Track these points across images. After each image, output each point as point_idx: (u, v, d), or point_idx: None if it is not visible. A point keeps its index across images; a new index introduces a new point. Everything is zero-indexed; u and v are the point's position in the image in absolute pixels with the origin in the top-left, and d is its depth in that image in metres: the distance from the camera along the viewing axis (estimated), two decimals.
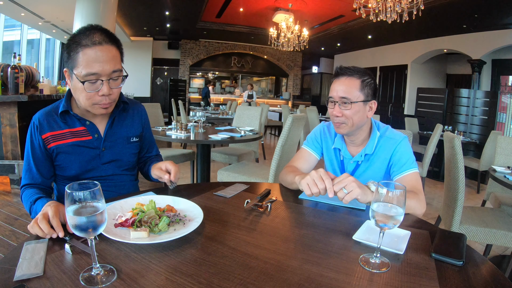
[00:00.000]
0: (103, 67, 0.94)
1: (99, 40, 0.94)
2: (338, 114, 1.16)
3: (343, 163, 1.30)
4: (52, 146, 1.04)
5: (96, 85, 0.95)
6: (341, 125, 1.18)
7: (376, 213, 0.69)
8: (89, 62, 0.92)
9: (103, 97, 0.98)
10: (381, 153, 1.22)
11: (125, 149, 1.17)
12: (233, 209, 0.99)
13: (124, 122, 1.17)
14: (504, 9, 5.30)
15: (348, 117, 1.16)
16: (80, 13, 4.50)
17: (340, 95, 1.16)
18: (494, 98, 5.58)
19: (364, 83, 1.16)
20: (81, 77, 0.94)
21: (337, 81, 1.18)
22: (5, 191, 3.03)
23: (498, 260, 2.32)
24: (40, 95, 3.35)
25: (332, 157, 1.34)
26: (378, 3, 4.02)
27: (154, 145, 1.34)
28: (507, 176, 1.96)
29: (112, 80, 0.98)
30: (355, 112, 1.15)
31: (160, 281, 0.61)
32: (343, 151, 1.28)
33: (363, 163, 1.25)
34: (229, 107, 7.47)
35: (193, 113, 2.70)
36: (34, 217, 0.96)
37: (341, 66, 1.19)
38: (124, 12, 7.51)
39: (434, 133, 3.58)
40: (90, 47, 0.92)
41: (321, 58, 12.82)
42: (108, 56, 0.95)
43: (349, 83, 1.15)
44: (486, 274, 0.70)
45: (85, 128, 1.08)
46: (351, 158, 1.27)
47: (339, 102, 1.16)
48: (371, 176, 1.24)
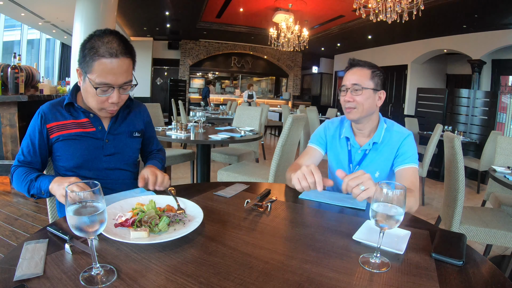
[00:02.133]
0: (117, 79, 1.00)
1: (116, 52, 0.98)
2: (350, 99, 1.24)
3: (350, 153, 1.33)
4: (56, 136, 1.08)
5: (107, 92, 1.01)
6: (352, 110, 1.25)
7: (376, 213, 0.69)
8: (103, 72, 0.98)
9: (112, 104, 1.05)
10: (389, 144, 1.27)
11: (127, 143, 1.20)
12: (233, 209, 0.99)
13: (127, 118, 1.22)
14: (504, 9, 5.30)
15: (359, 103, 1.23)
16: (80, 13, 4.49)
17: (352, 82, 1.24)
18: (494, 98, 5.58)
19: (373, 74, 1.25)
20: (94, 84, 0.99)
21: (350, 71, 1.27)
22: (5, 191, 3.03)
23: (498, 260, 2.32)
24: (40, 95, 3.35)
25: (338, 148, 1.37)
26: (378, 3, 4.02)
27: (156, 141, 1.38)
28: (507, 176, 1.96)
29: (122, 89, 1.04)
30: (365, 98, 1.23)
31: (160, 281, 0.61)
32: (352, 140, 1.32)
33: (371, 152, 1.29)
34: (229, 107, 7.47)
35: (193, 113, 2.70)
36: (35, 193, 1.00)
37: (354, 58, 1.29)
38: (124, 12, 7.52)
39: (434, 133, 3.58)
40: (107, 58, 0.97)
41: (321, 58, 12.82)
42: (122, 69, 1.00)
43: (361, 73, 1.24)
44: (486, 274, 0.70)
45: (88, 120, 1.12)
46: (359, 147, 1.31)
47: (351, 88, 1.24)
48: (379, 166, 1.28)
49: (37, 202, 2.73)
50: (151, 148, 1.37)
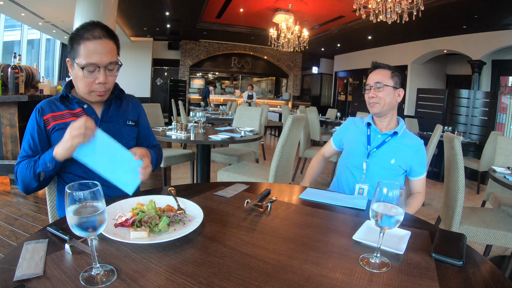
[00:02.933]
0: (101, 59, 1.06)
1: (99, 35, 1.05)
2: (373, 95, 1.43)
3: (370, 137, 1.47)
4: (52, 126, 1.12)
5: (94, 73, 1.07)
6: (375, 104, 1.43)
7: (376, 213, 0.69)
8: (89, 53, 1.04)
9: (99, 85, 1.09)
10: (408, 142, 1.43)
11: (122, 130, 1.21)
12: (233, 209, 0.99)
13: (120, 107, 1.25)
14: (504, 9, 5.30)
15: (381, 98, 1.42)
16: (80, 13, 4.50)
17: (375, 81, 1.43)
18: (494, 98, 5.58)
19: (393, 74, 1.43)
20: (81, 65, 1.05)
21: (373, 73, 1.46)
22: (5, 191, 3.03)
23: (498, 260, 2.32)
24: (40, 95, 3.35)
25: (357, 134, 1.52)
26: (378, 4, 4.03)
27: (152, 136, 1.37)
28: (507, 177, 1.96)
29: (108, 70, 1.09)
30: (386, 94, 1.42)
31: (160, 281, 0.61)
32: (373, 126, 1.48)
33: (391, 141, 1.44)
34: (229, 108, 7.47)
35: (193, 113, 2.70)
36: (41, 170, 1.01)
37: (376, 62, 1.49)
38: (124, 13, 7.52)
39: (434, 134, 3.58)
40: (91, 40, 1.04)
41: (321, 58, 12.82)
42: (106, 49, 1.06)
43: (382, 73, 1.44)
44: (486, 274, 0.70)
45: (82, 110, 1.16)
46: (379, 132, 1.46)
47: (374, 86, 1.43)
48: (395, 154, 1.42)
49: (37, 202, 2.73)
50: (147, 143, 1.34)
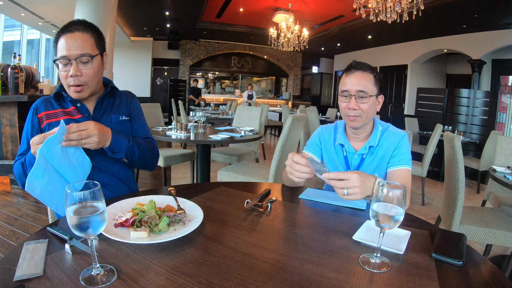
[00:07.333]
0: (70, 51, 1.07)
1: (71, 29, 1.08)
2: (355, 107, 1.16)
3: (347, 159, 1.29)
4: (46, 124, 1.14)
5: (67, 67, 1.08)
6: (357, 118, 1.18)
7: (376, 213, 0.69)
8: (61, 47, 1.07)
9: (72, 78, 1.09)
10: (385, 146, 1.23)
11: (115, 127, 1.17)
12: (233, 209, 0.99)
13: (113, 104, 1.26)
14: (504, 9, 5.30)
15: (364, 111, 1.16)
16: (80, 13, 4.49)
17: (358, 89, 1.16)
18: (494, 98, 5.57)
19: (375, 78, 1.19)
20: (55, 60, 1.08)
21: (352, 75, 1.18)
22: (5, 191, 3.03)
23: (498, 260, 2.31)
24: (40, 95, 3.35)
25: (333, 155, 1.33)
26: (378, 3, 4.03)
27: (143, 128, 1.33)
28: (507, 176, 1.96)
29: (82, 63, 1.09)
30: (371, 105, 1.17)
31: (160, 281, 0.61)
32: (347, 146, 1.28)
33: (368, 156, 1.25)
34: (229, 107, 7.47)
35: (193, 113, 2.70)
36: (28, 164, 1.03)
37: (356, 61, 1.20)
38: (124, 12, 7.51)
39: (434, 133, 3.58)
40: (64, 35, 1.07)
41: (321, 58, 12.82)
42: (77, 42, 1.07)
43: (365, 78, 1.16)
44: (486, 274, 0.70)
45: (75, 108, 1.18)
46: (355, 152, 1.26)
47: (356, 95, 1.16)
48: (376, 169, 1.24)
49: (37, 202, 2.73)
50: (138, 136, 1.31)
